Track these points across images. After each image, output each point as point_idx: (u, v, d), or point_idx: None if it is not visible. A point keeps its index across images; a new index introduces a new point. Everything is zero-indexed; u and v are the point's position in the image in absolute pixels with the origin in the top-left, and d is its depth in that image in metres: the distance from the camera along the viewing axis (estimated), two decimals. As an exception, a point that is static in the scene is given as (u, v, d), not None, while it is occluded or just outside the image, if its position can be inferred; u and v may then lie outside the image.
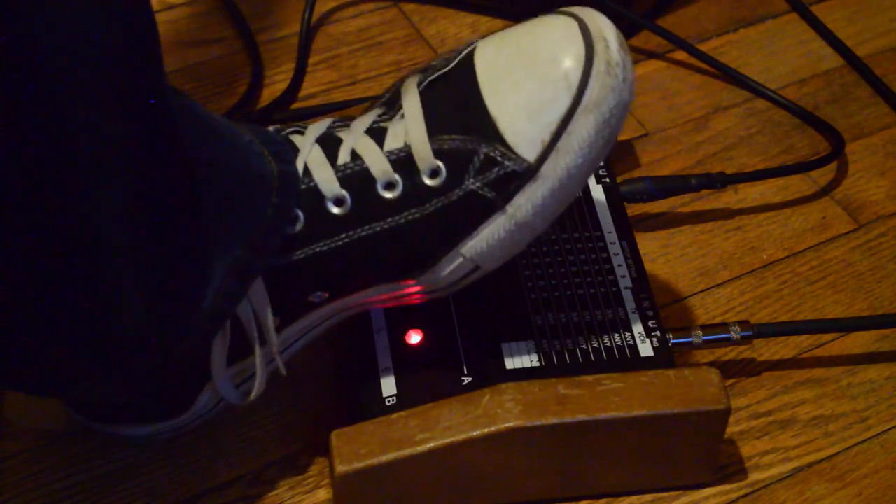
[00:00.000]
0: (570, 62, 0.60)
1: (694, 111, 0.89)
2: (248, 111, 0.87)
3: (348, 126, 0.63)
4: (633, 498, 0.68)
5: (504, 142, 0.61)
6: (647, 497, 0.68)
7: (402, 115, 0.62)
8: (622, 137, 0.85)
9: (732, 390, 0.72)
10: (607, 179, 0.76)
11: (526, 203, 0.61)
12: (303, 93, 0.89)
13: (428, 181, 0.61)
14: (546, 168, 0.61)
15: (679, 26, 0.94)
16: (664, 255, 0.80)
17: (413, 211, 0.62)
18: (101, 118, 0.53)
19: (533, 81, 0.61)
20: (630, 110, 0.88)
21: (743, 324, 0.71)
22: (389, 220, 0.62)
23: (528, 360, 0.66)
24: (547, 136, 0.61)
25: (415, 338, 0.68)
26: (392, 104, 0.64)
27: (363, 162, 0.62)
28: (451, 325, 0.68)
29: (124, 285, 0.56)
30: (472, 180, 0.61)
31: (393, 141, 0.62)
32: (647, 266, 0.75)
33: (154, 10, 0.55)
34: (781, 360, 0.74)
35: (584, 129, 0.61)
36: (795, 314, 0.77)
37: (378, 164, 0.61)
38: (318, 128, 0.64)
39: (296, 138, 0.63)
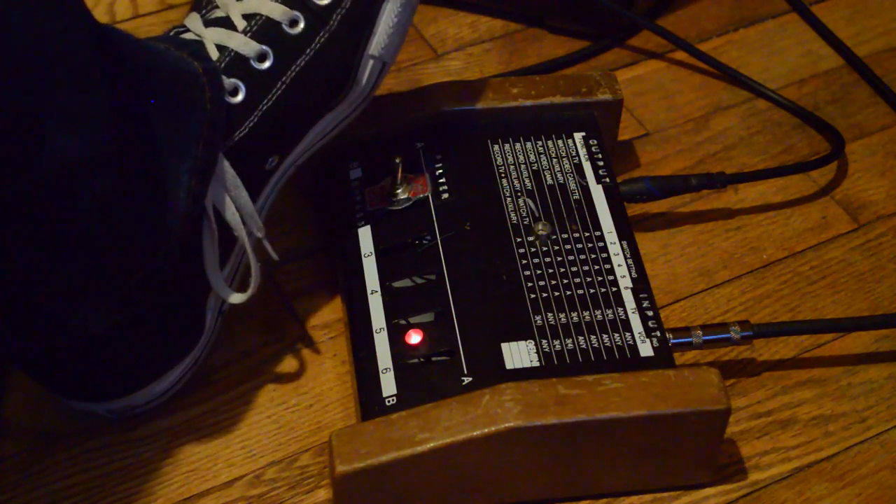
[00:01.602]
0: None
1: (694, 111, 0.89)
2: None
3: (217, 6, 0.69)
4: (633, 498, 0.68)
5: None
6: (647, 497, 0.68)
7: None
8: (622, 137, 0.85)
9: (732, 390, 0.72)
10: (607, 179, 0.76)
11: None
12: (303, 93, 0.89)
13: (320, 1, 0.69)
14: None
15: (679, 26, 0.94)
16: (664, 255, 0.80)
17: (321, 34, 0.69)
18: (39, 23, 0.56)
19: None
20: (630, 111, 0.88)
21: (743, 324, 0.71)
22: (308, 50, 0.69)
23: (528, 360, 0.66)
24: None
25: (415, 338, 0.68)
26: None
27: (260, 16, 0.68)
28: (451, 325, 0.68)
29: (106, 194, 0.60)
30: None
31: None
32: (647, 266, 0.75)
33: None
34: (781, 360, 0.74)
35: None
36: (795, 314, 0.77)
37: (274, 10, 0.68)
38: (195, 18, 0.69)
39: (188, 36, 0.69)
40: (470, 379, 0.66)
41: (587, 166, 0.76)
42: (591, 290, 0.70)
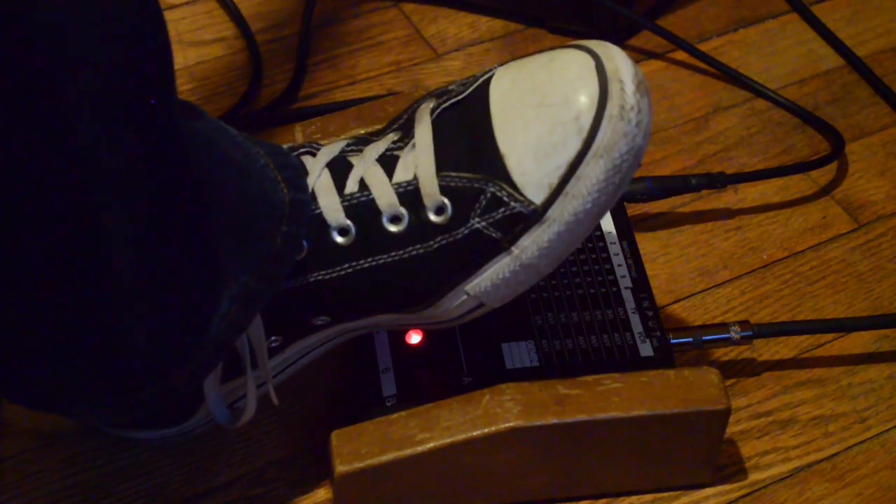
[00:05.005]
0: (583, 104, 0.58)
1: (694, 111, 0.89)
2: (248, 111, 0.87)
3: (361, 151, 0.62)
4: (633, 498, 0.68)
5: (511, 182, 0.59)
6: (647, 497, 0.68)
7: (414, 146, 0.61)
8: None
9: (732, 390, 0.72)
10: (607, 179, 0.76)
11: (532, 245, 0.60)
12: (303, 93, 0.89)
13: (433, 218, 0.60)
14: (553, 212, 0.59)
15: (679, 26, 0.94)
16: (664, 255, 0.80)
17: (417, 247, 0.61)
18: (106, 135, 0.52)
19: (543, 122, 0.59)
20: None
21: (743, 324, 0.71)
22: (393, 253, 0.61)
23: (528, 360, 0.66)
24: (555, 180, 0.59)
25: (415, 338, 0.68)
26: (407, 130, 0.63)
27: (370, 193, 0.61)
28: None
29: (129, 308, 0.56)
30: (477, 219, 0.60)
31: (403, 172, 0.61)
32: (647, 266, 0.75)
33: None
34: (781, 360, 0.74)
35: (593, 174, 0.58)
36: (795, 314, 0.77)
37: (385, 196, 0.60)
38: (330, 151, 0.63)
39: (307, 159, 0.62)
40: (470, 379, 0.66)
41: (587, 166, 0.76)
42: (591, 290, 0.70)
